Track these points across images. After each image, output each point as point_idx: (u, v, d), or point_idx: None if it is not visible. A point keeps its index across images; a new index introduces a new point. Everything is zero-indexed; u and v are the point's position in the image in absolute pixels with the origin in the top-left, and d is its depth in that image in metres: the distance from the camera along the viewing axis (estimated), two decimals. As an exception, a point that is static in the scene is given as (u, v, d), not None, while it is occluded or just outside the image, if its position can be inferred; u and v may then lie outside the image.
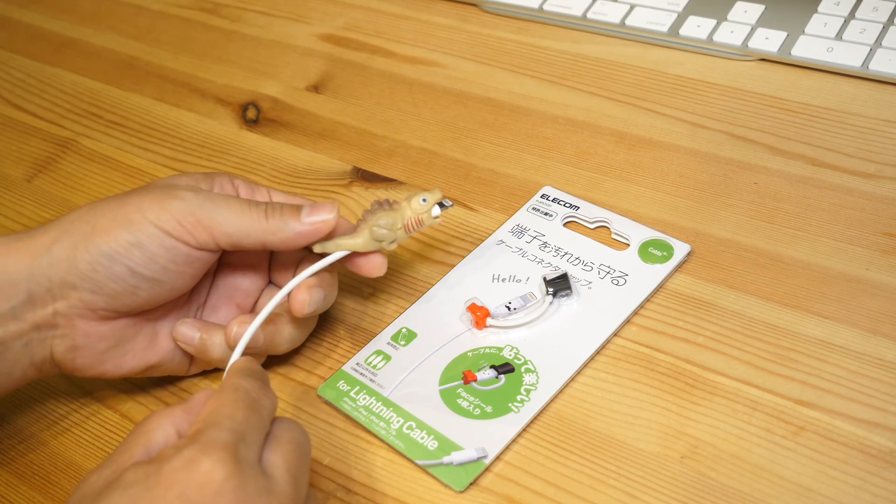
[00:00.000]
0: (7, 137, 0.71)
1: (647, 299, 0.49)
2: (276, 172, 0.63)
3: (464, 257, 0.53)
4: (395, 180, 0.60)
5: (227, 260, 0.50)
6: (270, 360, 0.50)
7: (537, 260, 0.52)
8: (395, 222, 0.47)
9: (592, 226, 0.54)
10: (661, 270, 0.50)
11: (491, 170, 0.59)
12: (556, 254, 0.52)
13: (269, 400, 0.41)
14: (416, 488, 0.44)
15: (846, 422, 0.43)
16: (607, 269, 0.51)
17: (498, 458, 0.44)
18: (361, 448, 0.46)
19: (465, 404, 0.46)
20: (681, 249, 0.51)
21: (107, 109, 0.71)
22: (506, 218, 0.55)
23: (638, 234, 0.52)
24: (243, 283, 0.50)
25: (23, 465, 0.49)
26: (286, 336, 0.48)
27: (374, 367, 0.48)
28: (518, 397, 0.46)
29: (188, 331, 0.47)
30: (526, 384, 0.46)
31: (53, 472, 0.48)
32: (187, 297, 0.49)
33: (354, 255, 0.47)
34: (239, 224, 0.45)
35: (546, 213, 0.54)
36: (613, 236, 0.53)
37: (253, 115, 0.68)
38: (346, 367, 0.49)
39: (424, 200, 0.47)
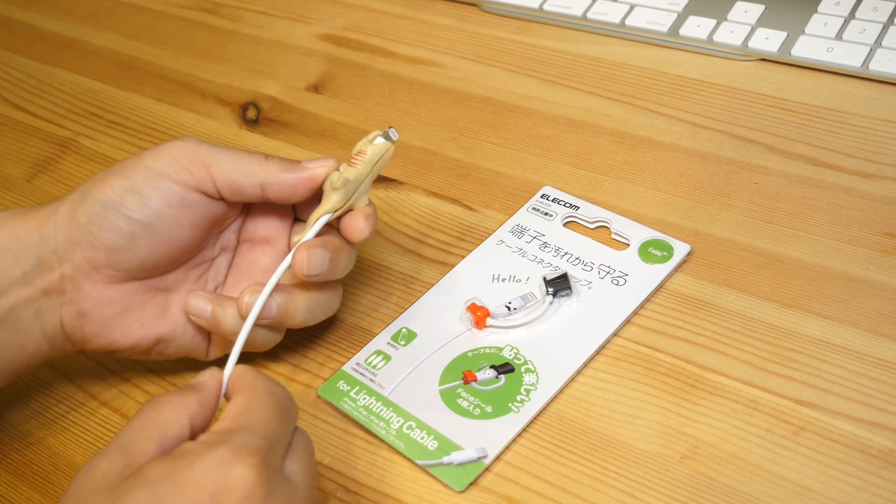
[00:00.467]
0: (7, 137, 0.71)
1: (647, 299, 0.49)
2: (276, 172, 0.63)
3: (464, 257, 0.53)
4: (395, 180, 0.60)
5: (246, 236, 0.49)
6: (271, 359, 0.50)
7: (537, 260, 0.52)
8: (342, 169, 0.45)
9: (592, 226, 0.54)
10: (661, 270, 0.50)
11: (491, 170, 0.59)
12: (556, 254, 0.52)
13: (296, 410, 0.41)
14: (416, 488, 0.44)
15: (846, 422, 0.43)
16: (607, 269, 0.51)
17: (498, 458, 0.44)
18: (361, 448, 0.46)
19: (465, 404, 0.46)
20: (681, 249, 0.51)
21: (107, 109, 0.71)
22: (506, 218, 0.55)
23: (638, 234, 0.52)
24: (262, 259, 0.49)
25: (22, 464, 0.49)
26: (300, 306, 0.46)
27: (374, 367, 0.48)
28: (518, 397, 0.46)
29: (199, 303, 0.46)
30: (526, 384, 0.46)
31: (53, 471, 0.48)
32: (203, 273, 0.48)
33: (340, 220, 0.46)
34: (237, 162, 0.45)
35: (546, 213, 0.54)
36: (613, 236, 0.53)
37: (253, 115, 0.68)
38: (346, 367, 0.49)
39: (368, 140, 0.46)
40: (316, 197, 0.47)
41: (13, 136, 0.71)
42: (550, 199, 0.55)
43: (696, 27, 0.64)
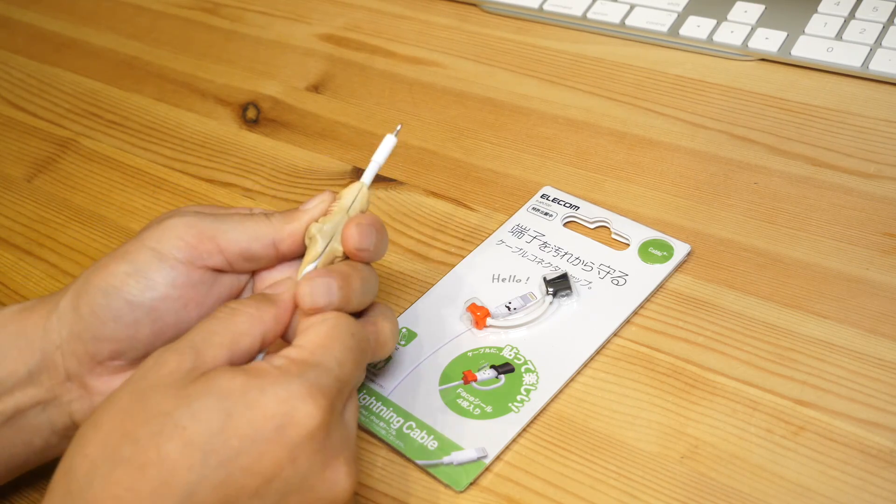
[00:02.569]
0: (7, 137, 0.71)
1: (647, 299, 0.49)
2: (276, 172, 0.63)
3: (464, 257, 0.53)
4: (395, 180, 0.60)
5: (256, 287, 0.46)
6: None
7: (537, 260, 0.52)
8: (321, 220, 0.44)
9: (592, 226, 0.54)
10: (661, 270, 0.50)
11: (491, 170, 0.59)
12: (556, 254, 0.52)
13: (370, 354, 0.41)
14: (416, 488, 0.44)
15: (846, 422, 0.43)
16: (607, 269, 0.51)
17: (498, 458, 0.44)
18: (361, 448, 0.46)
19: (465, 404, 0.46)
20: (681, 249, 0.51)
21: (107, 109, 0.71)
22: (506, 218, 0.55)
23: (638, 234, 0.52)
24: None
25: (23, 465, 0.49)
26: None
27: (374, 366, 0.48)
28: (518, 397, 0.46)
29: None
30: (526, 384, 0.46)
31: (53, 471, 0.48)
32: None
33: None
34: (244, 229, 0.43)
35: (546, 213, 0.54)
36: (613, 236, 0.53)
37: (253, 115, 0.68)
38: None
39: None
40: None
41: (13, 136, 0.71)
42: (550, 199, 0.55)
43: (696, 27, 0.64)
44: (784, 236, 0.51)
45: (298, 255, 0.44)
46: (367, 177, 0.45)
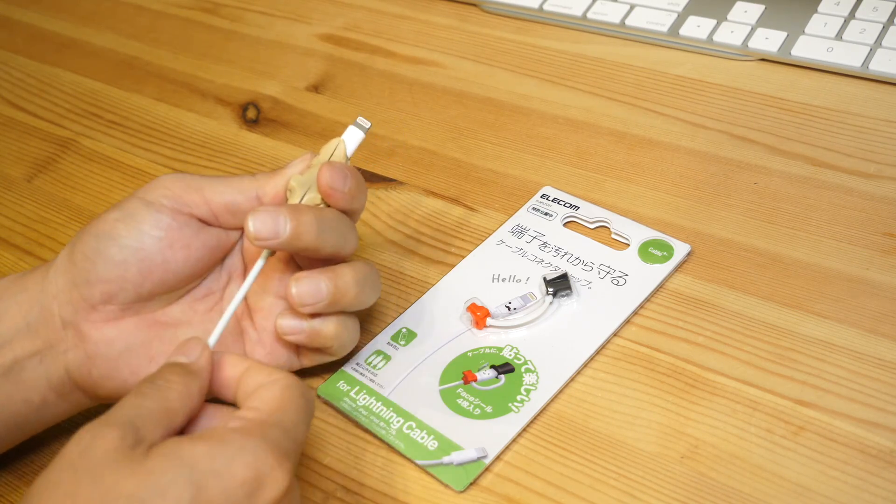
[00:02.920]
0: (7, 137, 0.71)
1: (647, 299, 0.49)
2: (276, 172, 0.63)
3: (464, 257, 0.53)
4: (395, 180, 0.60)
5: (252, 257, 0.47)
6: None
7: (537, 260, 0.52)
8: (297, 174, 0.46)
9: (592, 226, 0.53)
10: (661, 270, 0.50)
11: (491, 170, 0.59)
12: (556, 254, 0.52)
13: (309, 421, 0.40)
14: (416, 488, 0.44)
15: (846, 422, 0.43)
16: (607, 269, 0.51)
17: (498, 458, 0.44)
18: (361, 448, 0.46)
19: (465, 404, 0.46)
20: (681, 249, 0.51)
21: (107, 109, 0.71)
22: (506, 218, 0.55)
23: (638, 234, 0.52)
24: (277, 270, 0.47)
25: (23, 464, 0.49)
26: (350, 280, 0.44)
27: (374, 367, 0.48)
28: (518, 397, 0.46)
29: (293, 322, 0.44)
30: (526, 384, 0.46)
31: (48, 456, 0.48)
32: (213, 305, 0.47)
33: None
34: (229, 183, 0.45)
35: (546, 213, 0.54)
36: (613, 236, 0.53)
37: (253, 115, 0.68)
38: (346, 367, 0.49)
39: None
40: None
41: (13, 136, 0.71)
42: (550, 199, 0.55)
43: (696, 27, 0.64)
44: (784, 236, 0.51)
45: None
46: (347, 134, 0.47)
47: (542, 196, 0.56)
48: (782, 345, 0.46)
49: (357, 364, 0.49)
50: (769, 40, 0.62)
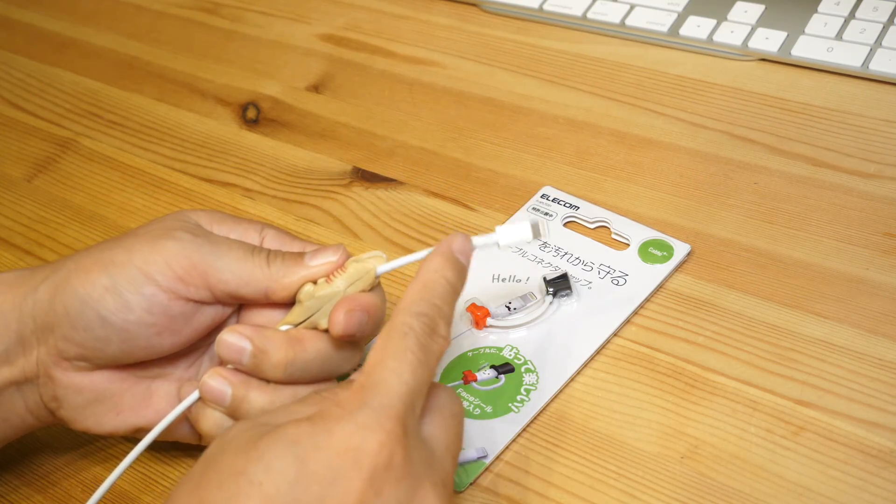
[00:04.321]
0: (7, 137, 0.71)
1: (648, 299, 0.49)
2: (276, 172, 0.63)
3: (464, 257, 0.53)
4: (395, 180, 0.60)
5: (247, 320, 0.44)
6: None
7: (537, 260, 0.52)
8: (319, 283, 0.42)
9: (592, 226, 0.53)
10: (661, 270, 0.50)
11: (491, 170, 0.59)
12: (556, 254, 0.52)
13: (438, 345, 0.37)
14: (416, 488, 0.44)
15: (846, 422, 0.43)
16: (607, 269, 0.51)
17: (498, 458, 0.44)
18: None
19: (465, 404, 0.46)
20: (681, 249, 0.51)
21: (107, 109, 0.71)
22: (506, 218, 0.55)
23: (638, 234, 0.52)
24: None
25: (28, 469, 0.49)
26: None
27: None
28: (518, 397, 0.46)
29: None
30: (526, 384, 0.46)
31: (53, 472, 0.48)
32: (196, 360, 0.45)
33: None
34: (237, 269, 0.41)
35: (546, 213, 0.54)
36: (613, 236, 0.53)
37: (253, 115, 0.68)
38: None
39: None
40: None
41: (13, 136, 0.71)
42: (550, 199, 0.55)
43: (696, 27, 0.64)
44: (784, 236, 0.51)
45: (290, 303, 0.43)
46: (383, 268, 0.42)
47: (542, 196, 0.56)
48: (782, 345, 0.46)
49: (358, 365, 0.49)
50: (769, 40, 0.62)
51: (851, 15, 0.61)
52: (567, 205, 0.55)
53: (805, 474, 0.41)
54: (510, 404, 0.46)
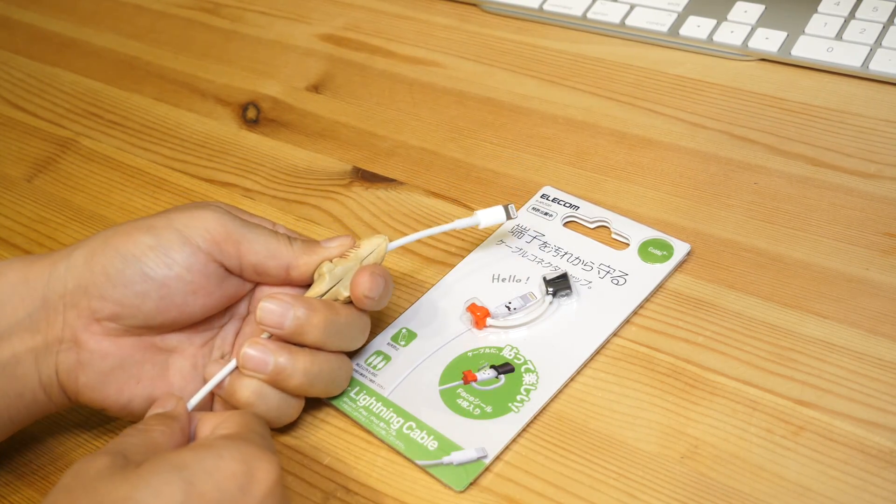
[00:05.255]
0: (7, 137, 0.71)
1: (647, 299, 0.49)
2: (276, 172, 0.63)
3: (464, 257, 0.53)
4: (395, 180, 0.60)
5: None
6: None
7: (537, 260, 0.52)
8: (335, 261, 0.46)
9: (592, 226, 0.53)
10: (661, 270, 0.50)
11: (491, 170, 0.59)
12: (556, 254, 0.52)
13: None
14: (416, 488, 0.44)
15: (846, 422, 0.43)
16: (607, 269, 0.51)
17: (498, 457, 0.44)
18: (361, 448, 0.46)
19: (464, 404, 0.46)
20: (681, 249, 0.51)
21: (107, 109, 0.71)
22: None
23: (638, 233, 0.52)
24: None
25: (23, 465, 0.49)
26: (299, 367, 0.44)
27: (375, 367, 0.48)
28: (518, 397, 0.46)
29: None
30: (526, 384, 0.46)
31: (53, 472, 0.48)
32: (209, 339, 0.47)
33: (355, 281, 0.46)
34: (266, 244, 0.45)
35: (546, 213, 0.54)
36: (613, 236, 0.53)
37: (253, 115, 0.68)
38: None
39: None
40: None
41: (13, 136, 0.71)
42: (550, 199, 0.55)
43: (696, 27, 0.64)
44: (784, 236, 0.51)
45: (305, 284, 0.47)
46: (393, 244, 0.48)
47: (542, 196, 0.56)
48: (782, 345, 0.46)
49: (357, 365, 0.49)
50: (769, 40, 0.62)
51: (851, 15, 0.61)
52: (567, 205, 0.55)
53: (805, 474, 0.41)
54: (510, 404, 0.46)
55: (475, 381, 0.47)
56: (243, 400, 0.43)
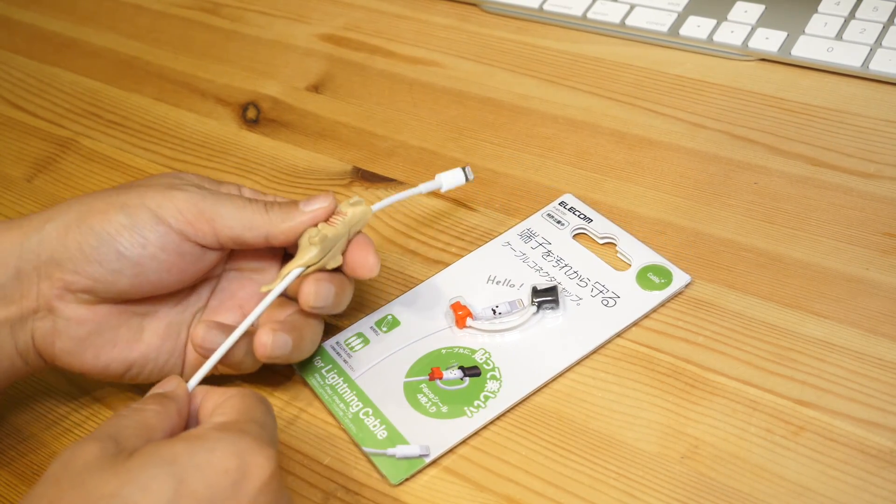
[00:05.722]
0: (7, 137, 0.71)
1: (634, 324, 0.48)
2: (276, 172, 0.63)
3: (462, 257, 0.53)
4: (395, 180, 0.60)
5: (234, 265, 0.49)
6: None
7: (536, 268, 0.52)
8: (321, 226, 0.45)
9: (600, 241, 0.53)
10: (654, 298, 0.49)
11: (491, 170, 0.59)
12: (556, 264, 0.51)
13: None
14: (416, 488, 0.44)
15: (846, 422, 0.43)
16: (601, 289, 0.50)
17: (498, 457, 0.44)
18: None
19: (423, 400, 0.46)
20: (680, 279, 0.49)
21: (107, 109, 0.71)
22: (504, 218, 0.55)
23: (641, 256, 0.51)
24: (248, 287, 0.49)
25: (23, 465, 0.49)
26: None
27: (352, 348, 0.49)
28: (476, 402, 0.46)
29: (210, 335, 0.44)
30: (487, 391, 0.46)
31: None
32: (183, 299, 0.48)
33: (347, 256, 0.46)
34: (241, 217, 0.45)
35: (559, 222, 0.54)
36: (618, 255, 0.52)
37: (253, 115, 0.68)
38: (326, 345, 0.49)
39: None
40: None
41: (13, 136, 0.71)
42: (567, 207, 0.55)
43: (696, 27, 0.64)
44: (784, 236, 0.51)
45: (287, 245, 0.47)
46: (377, 206, 0.47)
47: (560, 203, 0.55)
48: (782, 345, 0.46)
49: (336, 343, 0.49)
50: (769, 40, 0.62)
51: (851, 15, 0.61)
52: (581, 216, 0.54)
53: (805, 474, 0.41)
54: (466, 408, 0.46)
55: (441, 378, 0.47)
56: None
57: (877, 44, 0.59)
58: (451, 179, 0.50)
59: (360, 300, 0.52)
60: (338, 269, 0.46)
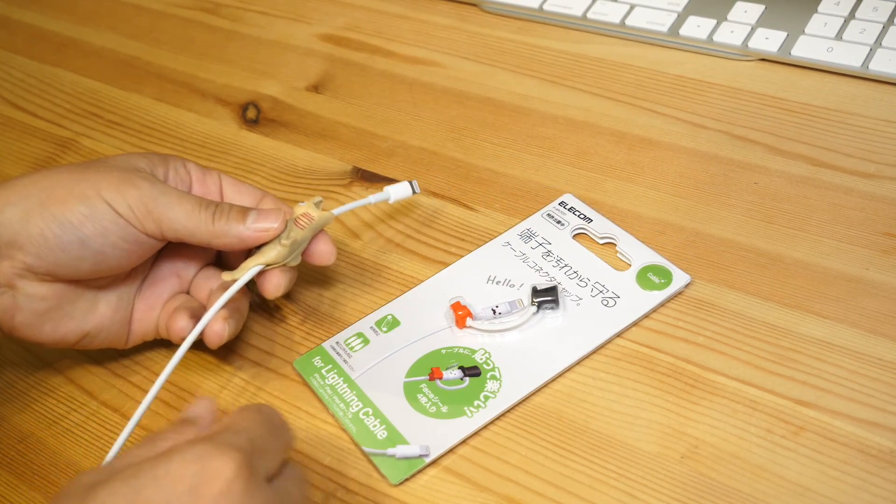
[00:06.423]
0: (7, 137, 0.71)
1: (634, 324, 0.48)
2: (276, 172, 0.63)
3: (462, 257, 0.53)
4: (395, 180, 0.60)
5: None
6: (266, 341, 0.50)
7: (536, 268, 0.52)
8: (288, 227, 0.48)
9: (600, 241, 0.53)
10: (654, 298, 0.49)
11: (491, 170, 0.59)
12: (556, 264, 0.51)
13: (289, 434, 0.40)
14: (416, 489, 0.44)
15: (846, 422, 0.43)
16: (601, 289, 0.50)
17: (498, 457, 0.44)
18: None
19: (423, 400, 0.46)
20: (680, 279, 0.50)
21: (107, 109, 0.71)
22: (504, 218, 0.55)
23: (641, 257, 0.51)
24: (187, 257, 0.51)
25: (23, 465, 0.49)
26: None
27: (351, 348, 0.49)
28: (476, 402, 0.46)
29: (189, 325, 0.47)
30: (487, 391, 0.46)
31: (53, 472, 0.48)
32: (132, 271, 0.50)
33: (305, 253, 0.49)
34: (187, 223, 0.46)
35: (559, 222, 0.54)
36: (618, 255, 0.52)
37: (253, 115, 0.68)
38: (326, 345, 0.50)
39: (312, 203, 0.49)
40: None
41: (13, 136, 0.71)
42: (567, 207, 0.55)
43: (696, 27, 0.64)
44: (784, 236, 0.51)
45: (232, 251, 0.50)
46: (338, 210, 0.50)
47: (560, 203, 0.55)
48: (782, 345, 0.46)
49: (336, 343, 0.49)
50: (769, 40, 0.62)
51: (851, 15, 0.61)
52: (581, 216, 0.54)
53: (805, 474, 0.41)
54: (466, 408, 0.46)
55: (440, 378, 0.47)
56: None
57: (877, 44, 0.59)
58: (398, 192, 0.52)
59: (361, 300, 0.52)
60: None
